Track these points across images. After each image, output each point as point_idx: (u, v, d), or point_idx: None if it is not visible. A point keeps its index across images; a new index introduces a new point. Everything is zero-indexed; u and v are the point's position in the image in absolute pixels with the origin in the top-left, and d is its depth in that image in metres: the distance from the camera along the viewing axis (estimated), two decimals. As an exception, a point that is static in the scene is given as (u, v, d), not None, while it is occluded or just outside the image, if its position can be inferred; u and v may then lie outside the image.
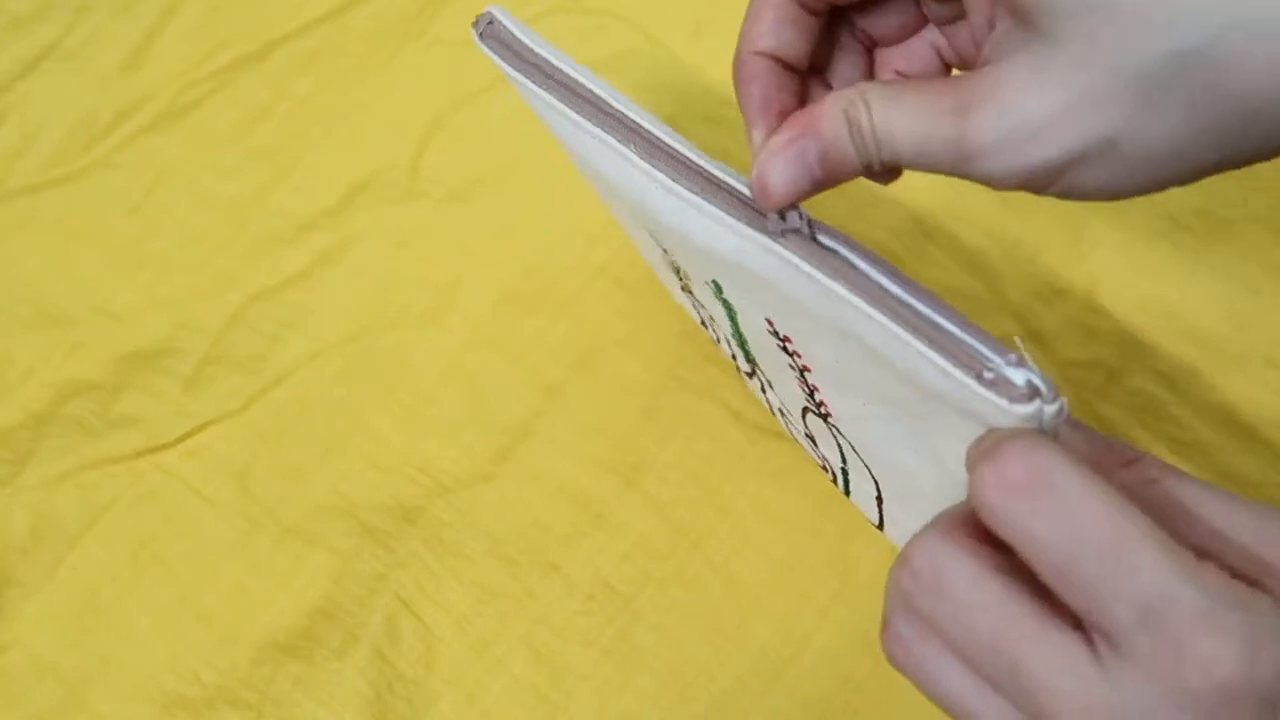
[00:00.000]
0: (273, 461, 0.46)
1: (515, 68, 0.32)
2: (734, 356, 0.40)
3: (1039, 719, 0.22)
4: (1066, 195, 0.25)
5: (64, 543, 0.45)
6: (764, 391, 0.40)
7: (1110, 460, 0.25)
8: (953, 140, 0.25)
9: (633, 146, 0.29)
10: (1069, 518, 0.21)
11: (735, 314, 0.34)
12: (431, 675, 0.41)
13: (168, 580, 0.44)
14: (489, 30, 0.33)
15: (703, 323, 0.41)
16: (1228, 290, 0.43)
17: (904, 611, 0.24)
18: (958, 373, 0.23)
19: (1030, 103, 0.24)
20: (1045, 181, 0.25)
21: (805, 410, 0.36)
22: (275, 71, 0.55)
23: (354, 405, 0.47)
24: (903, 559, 0.24)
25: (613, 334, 0.46)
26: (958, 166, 0.25)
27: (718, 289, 0.33)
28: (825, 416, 0.34)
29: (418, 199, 0.51)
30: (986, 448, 0.23)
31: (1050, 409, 0.23)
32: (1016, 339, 0.24)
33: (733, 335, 0.37)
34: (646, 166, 0.28)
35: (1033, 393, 0.22)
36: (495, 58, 0.32)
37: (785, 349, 0.32)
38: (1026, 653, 0.22)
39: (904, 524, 0.36)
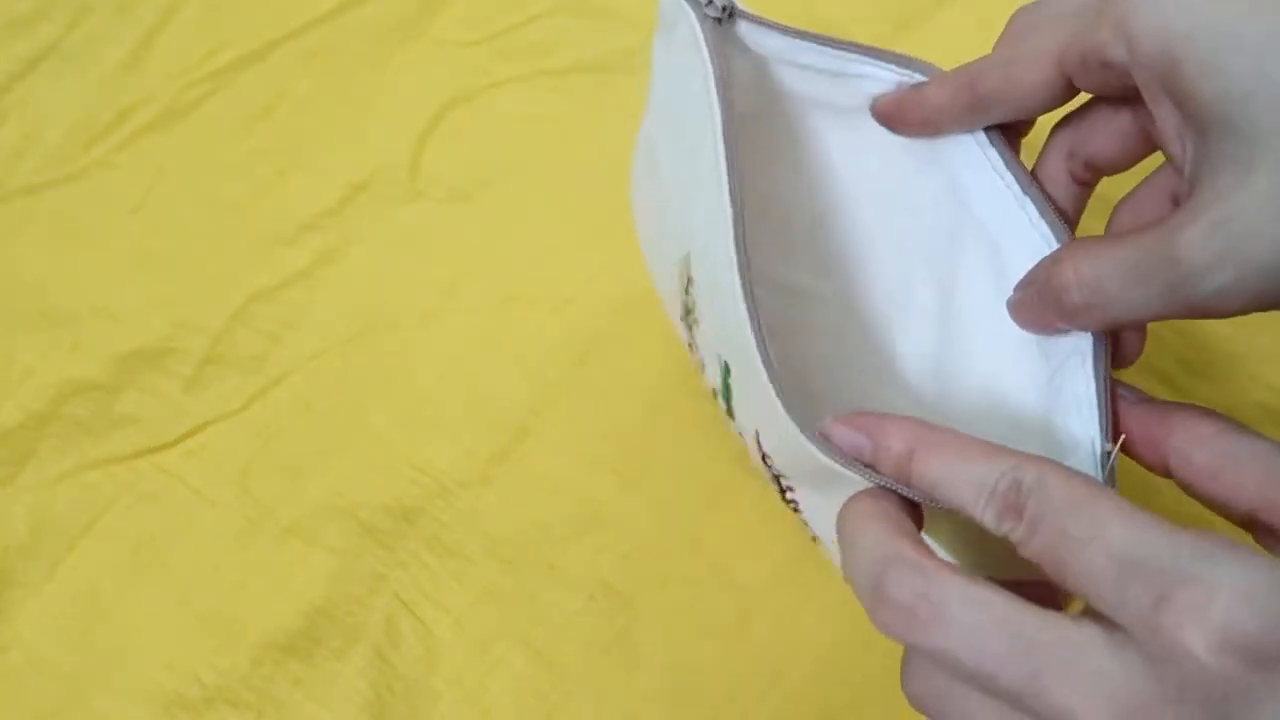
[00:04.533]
0: (273, 461, 0.46)
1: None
2: (715, 393, 0.39)
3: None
4: None
5: (64, 543, 0.45)
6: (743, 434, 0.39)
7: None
8: (1164, 265, 0.24)
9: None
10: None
11: (730, 398, 0.33)
12: (431, 675, 0.41)
13: (168, 580, 0.44)
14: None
15: (689, 345, 0.40)
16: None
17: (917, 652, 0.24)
18: None
19: (1241, 201, 0.23)
20: (1276, 286, 0.24)
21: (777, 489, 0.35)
22: (275, 71, 0.55)
23: (354, 405, 0.47)
24: (882, 604, 0.24)
25: (613, 334, 0.46)
26: (1176, 293, 0.25)
27: (726, 370, 0.32)
28: (797, 510, 0.34)
29: (418, 199, 0.51)
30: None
31: None
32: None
33: (721, 392, 0.35)
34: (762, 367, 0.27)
35: None
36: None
37: (763, 459, 0.31)
38: (1046, 662, 0.21)
39: None
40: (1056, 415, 0.28)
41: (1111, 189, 0.31)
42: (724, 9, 0.31)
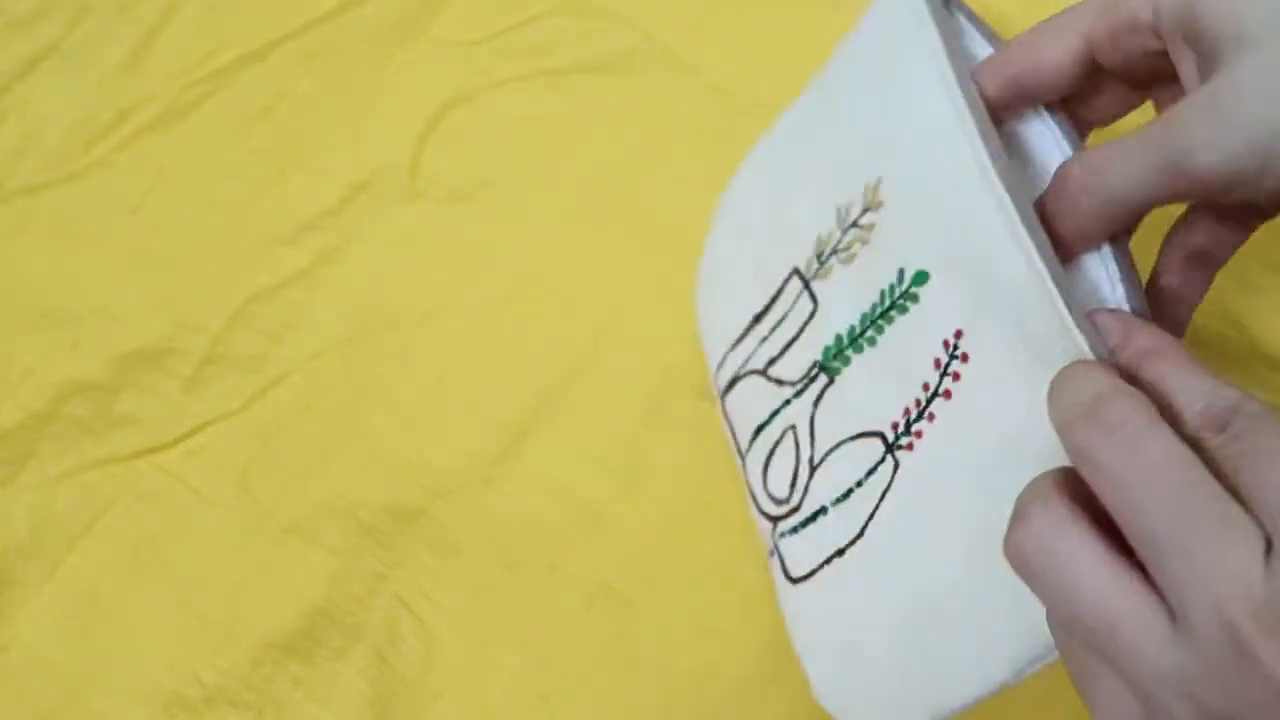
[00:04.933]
0: (273, 461, 0.46)
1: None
2: (768, 362, 0.39)
3: (1185, 606, 0.22)
4: None
5: (64, 543, 0.45)
6: (786, 405, 0.38)
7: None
8: (1162, 132, 0.27)
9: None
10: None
11: (900, 311, 0.33)
12: (431, 675, 0.41)
13: (168, 580, 0.44)
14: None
15: (757, 317, 0.40)
16: (1227, 290, 0.43)
17: (1046, 498, 0.25)
18: None
19: (1231, 79, 0.27)
20: (1266, 158, 0.26)
21: (862, 435, 0.35)
22: (275, 71, 0.55)
23: (354, 405, 0.47)
24: (1089, 419, 0.24)
25: (613, 334, 0.46)
26: (1172, 159, 0.27)
27: (916, 279, 0.33)
28: (899, 448, 0.34)
29: (418, 199, 0.51)
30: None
31: None
32: None
33: (846, 332, 0.35)
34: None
35: None
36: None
37: (943, 367, 0.32)
38: (1203, 525, 0.22)
39: (851, 582, 0.35)
40: None
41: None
42: None
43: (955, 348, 0.31)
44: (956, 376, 0.31)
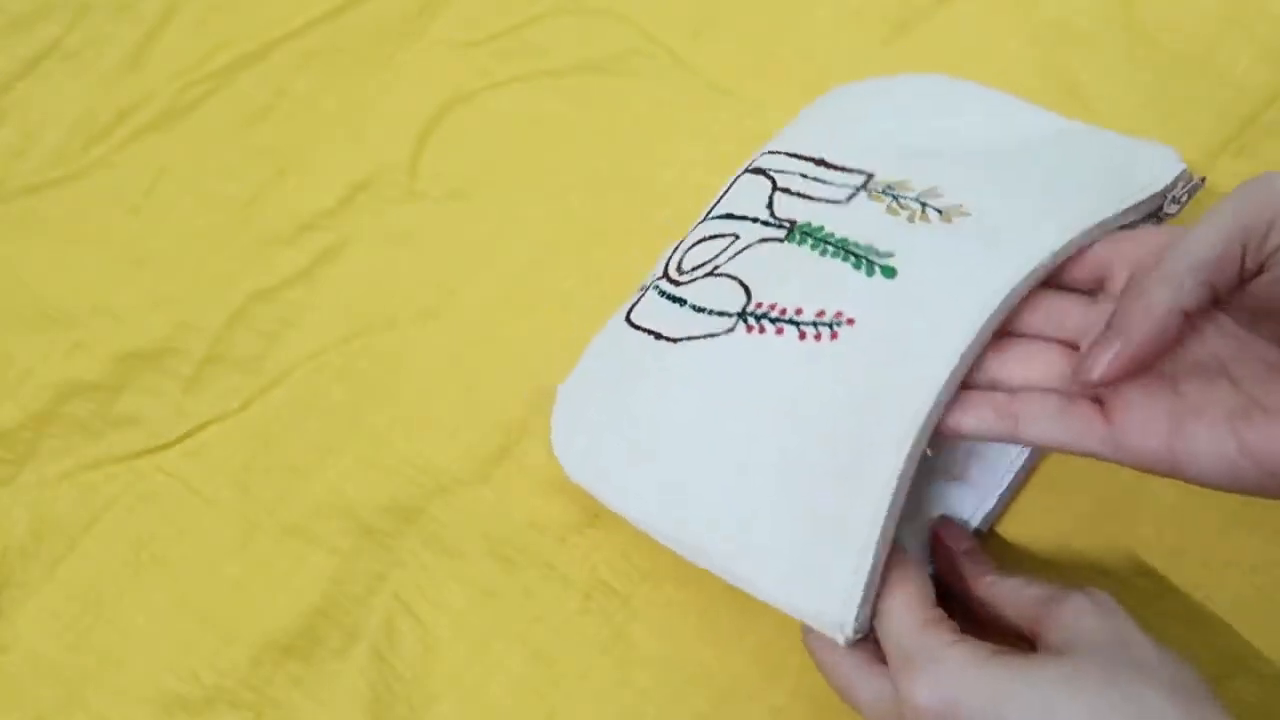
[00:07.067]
0: (272, 461, 0.46)
1: None
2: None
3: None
4: None
5: (64, 543, 0.45)
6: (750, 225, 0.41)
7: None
8: None
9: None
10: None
11: (861, 269, 0.37)
12: (430, 675, 0.41)
13: (168, 580, 0.44)
14: None
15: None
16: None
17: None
18: None
19: None
20: None
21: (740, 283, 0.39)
22: (275, 71, 0.55)
23: (353, 405, 0.47)
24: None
25: (612, 334, 0.46)
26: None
27: (885, 272, 0.36)
28: (749, 317, 0.38)
29: (417, 199, 0.51)
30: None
31: None
32: None
33: (826, 230, 0.39)
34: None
35: None
36: None
37: (825, 318, 0.37)
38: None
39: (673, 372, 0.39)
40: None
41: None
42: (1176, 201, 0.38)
43: (840, 320, 0.36)
44: (818, 337, 0.36)
